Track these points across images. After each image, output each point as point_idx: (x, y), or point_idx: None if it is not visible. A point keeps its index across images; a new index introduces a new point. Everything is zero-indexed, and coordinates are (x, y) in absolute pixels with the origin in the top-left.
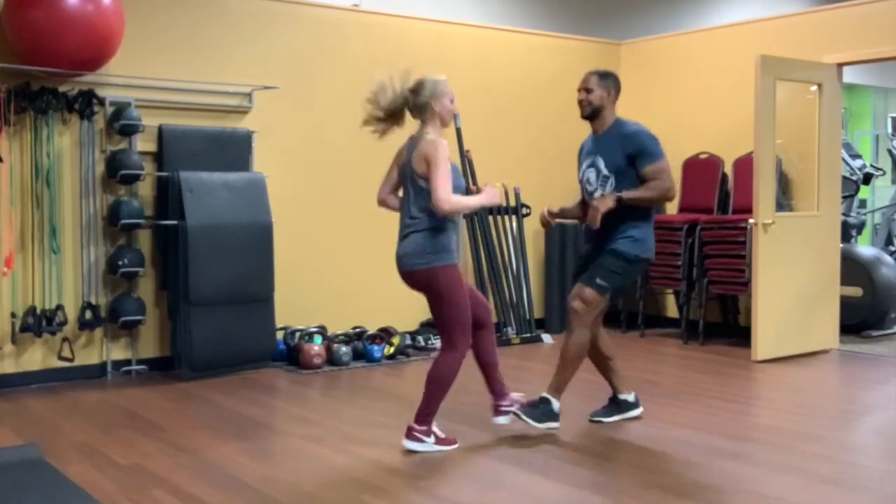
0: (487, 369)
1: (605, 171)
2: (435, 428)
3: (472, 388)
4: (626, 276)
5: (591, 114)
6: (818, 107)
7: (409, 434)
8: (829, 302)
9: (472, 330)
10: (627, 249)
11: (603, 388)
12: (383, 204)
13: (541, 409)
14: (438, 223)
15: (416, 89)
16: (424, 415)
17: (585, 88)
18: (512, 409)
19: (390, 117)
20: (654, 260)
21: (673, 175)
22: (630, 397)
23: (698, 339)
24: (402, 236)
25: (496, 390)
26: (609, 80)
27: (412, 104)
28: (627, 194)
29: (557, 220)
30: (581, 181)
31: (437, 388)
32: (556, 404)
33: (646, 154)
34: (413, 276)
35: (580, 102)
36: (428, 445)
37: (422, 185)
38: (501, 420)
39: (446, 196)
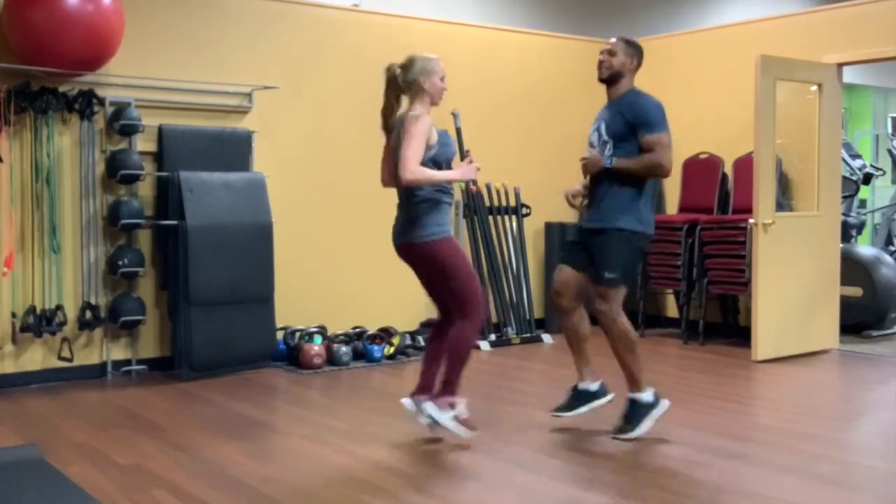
0: (434, 363)
1: (604, 136)
2: (462, 406)
3: (472, 389)
4: (628, 254)
5: (610, 77)
6: (818, 107)
7: (435, 399)
8: (829, 302)
9: (442, 325)
10: (617, 224)
11: (608, 380)
12: (387, 185)
13: (633, 413)
14: (433, 197)
15: (406, 66)
16: (448, 384)
17: (609, 51)
18: (422, 404)
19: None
20: (653, 235)
21: (672, 153)
22: (593, 386)
23: (698, 339)
24: (399, 212)
25: (429, 383)
26: (635, 49)
27: (402, 80)
28: (617, 161)
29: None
30: (588, 143)
31: (456, 358)
32: (645, 395)
33: (646, 123)
34: (412, 249)
35: (600, 63)
36: (446, 418)
37: None
38: (407, 402)
39: (410, 165)
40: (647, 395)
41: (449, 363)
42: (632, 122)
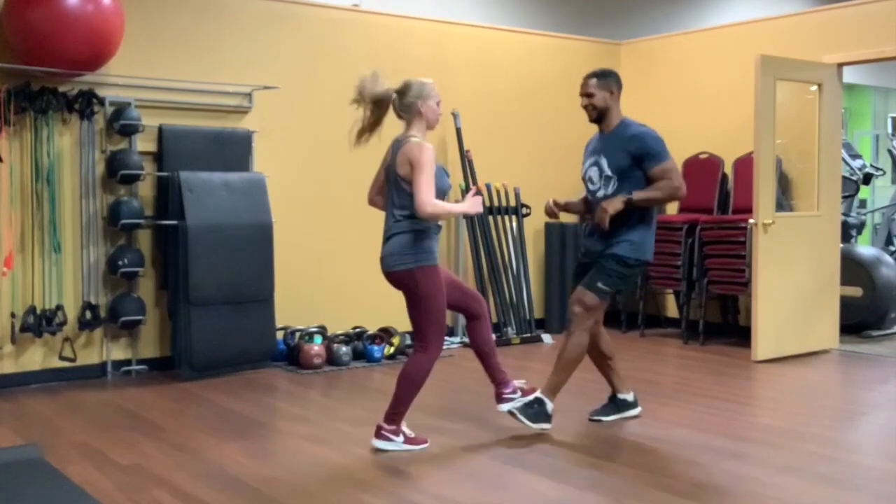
0: (486, 358)
1: (607, 172)
2: (404, 427)
3: (472, 388)
4: (626, 279)
5: (598, 117)
6: (818, 107)
7: (378, 433)
8: (829, 302)
9: (468, 321)
10: (627, 254)
11: (603, 387)
12: (373, 204)
13: (535, 410)
14: (421, 225)
15: (403, 90)
16: (393, 414)
17: (586, 94)
18: (515, 396)
19: (375, 110)
20: (652, 261)
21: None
22: (629, 397)
23: (698, 339)
24: (386, 238)
25: (497, 379)
26: (609, 79)
27: (398, 105)
28: (637, 195)
29: (563, 212)
30: (583, 178)
31: (407, 388)
32: (549, 405)
33: (651, 155)
34: (394, 276)
35: (585, 108)
36: (397, 444)
37: (405, 188)
38: (505, 407)
39: (428, 199)
40: (548, 406)
41: (400, 393)
42: (636, 155)
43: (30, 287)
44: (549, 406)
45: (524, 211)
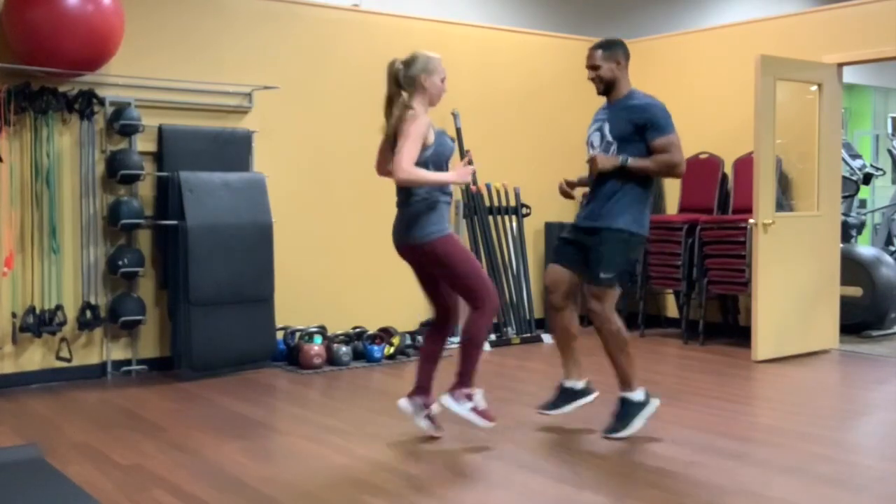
0: (430, 364)
1: (608, 137)
2: (477, 400)
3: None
4: (624, 255)
5: (606, 89)
6: (818, 107)
7: (451, 391)
8: (829, 302)
9: (437, 326)
10: (616, 224)
11: (605, 385)
12: (384, 174)
13: (624, 412)
14: (430, 197)
15: (409, 62)
16: (463, 375)
17: (592, 66)
18: (425, 409)
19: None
20: (647, 235)
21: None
22: (579, 384)
23: (698, 339)
24: (398, 211)
25: (426, 384)
26: (615, 49)
27: (402, 77)
28: (633, 161)
29: (577, 187)
30: (586, 143)
31: (471, 349)
32: (636, 394)
33: (656, 126)
34: (412, 250)
35: (592, 80)
36: (463, 409)
37: None
38: (403, 403)
39: (405, 165)
40: (638, 395)
41: (463, 355)
42: (640, 124)
43: (30, 287)
44: (636, 395)
45: (524, 211)
